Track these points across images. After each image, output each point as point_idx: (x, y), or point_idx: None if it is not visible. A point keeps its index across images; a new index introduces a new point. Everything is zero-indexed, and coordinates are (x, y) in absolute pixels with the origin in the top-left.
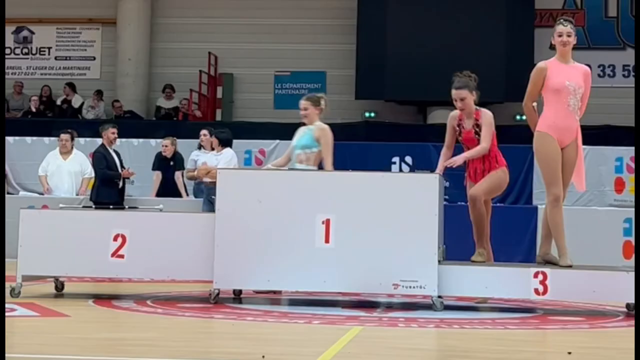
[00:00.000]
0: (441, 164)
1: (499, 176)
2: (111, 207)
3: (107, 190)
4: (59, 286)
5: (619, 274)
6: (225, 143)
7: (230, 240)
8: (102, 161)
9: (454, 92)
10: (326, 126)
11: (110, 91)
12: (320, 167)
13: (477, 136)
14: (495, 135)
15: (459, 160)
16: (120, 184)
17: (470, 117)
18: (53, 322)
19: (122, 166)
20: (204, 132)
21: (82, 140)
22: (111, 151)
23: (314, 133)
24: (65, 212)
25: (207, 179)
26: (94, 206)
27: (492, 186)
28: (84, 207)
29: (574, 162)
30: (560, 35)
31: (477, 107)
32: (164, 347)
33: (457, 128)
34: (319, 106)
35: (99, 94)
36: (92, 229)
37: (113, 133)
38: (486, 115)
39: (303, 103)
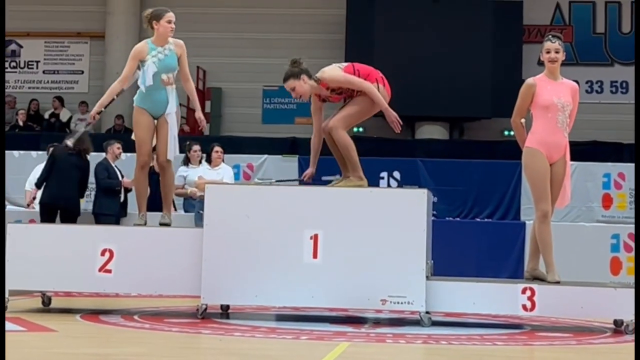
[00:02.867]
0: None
1: (362, 99)
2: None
3: (109, 201)
4: (46, 301)
5: (606, 290)
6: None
7: (218, 255)
8: (104, 172)
9: (284, 86)
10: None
11: None
12: None
13: (339, 96)
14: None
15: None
16: (122, 197)
17: (321, 91)
18: (40, 337)
19: None
20: (196, 147)
21: None
22: (114, 165)
23: (176, 51)
24: (52, 227)
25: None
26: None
27: (348, 105)
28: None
29: (562, 178)
30: (548, 52)
31: (317, 78)
32: None
33: (323, 102)
34: None
35: (84, 104)
36: (80, 244)
37: (118, 148)
38: (332, 77)
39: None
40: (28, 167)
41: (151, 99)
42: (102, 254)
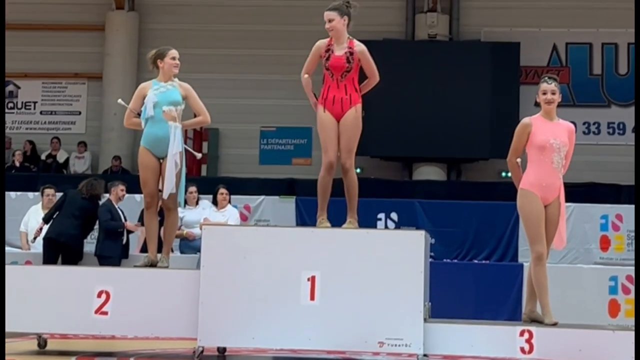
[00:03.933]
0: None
1: (351, 123)
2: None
3: (111, 243)
4: (42, 343)
5: (604, 333)
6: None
7: (214, 297)
8: (107, 214)
9: (325, 13)
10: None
11: (95, 145)
12: None
13: (348, 63)
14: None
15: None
16: (125, 239)
17: (341, 44)
18: None
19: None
20: (192, 188)
21: None
22: (117, 207)
23: (180, 90)
24: (48, 268)
25: None
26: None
27: (352, 140)
28: None
29: (557, 219)
30: (544, 93)
31: (352, 38)
32: None
33: (325, 54)
34: None
35: (82, 144)
36: (76, 286)
37: (122, 190)
38: (364, 49)
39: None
40: (25, 208)
41: (153, 134)
42: (99, 295)
